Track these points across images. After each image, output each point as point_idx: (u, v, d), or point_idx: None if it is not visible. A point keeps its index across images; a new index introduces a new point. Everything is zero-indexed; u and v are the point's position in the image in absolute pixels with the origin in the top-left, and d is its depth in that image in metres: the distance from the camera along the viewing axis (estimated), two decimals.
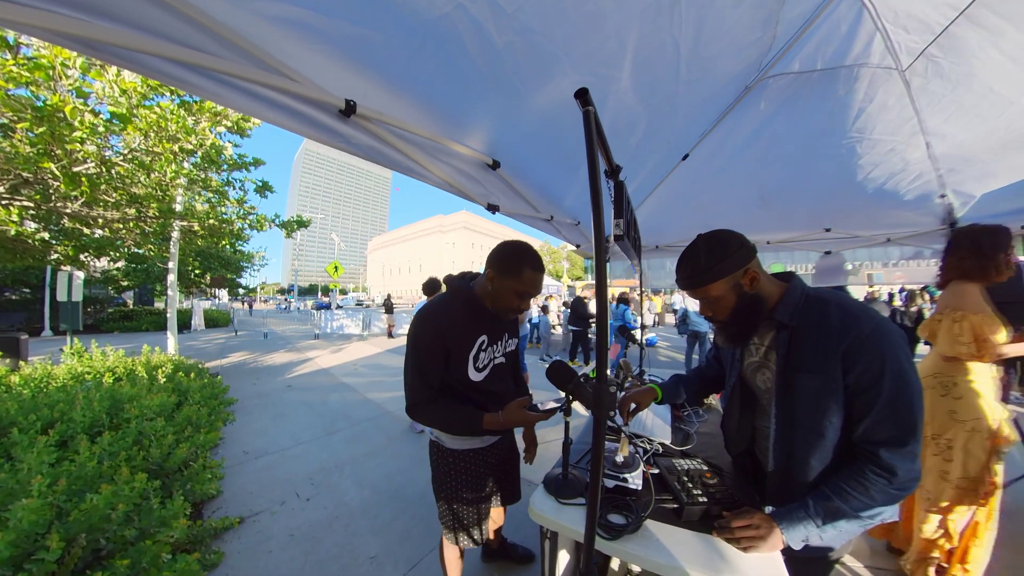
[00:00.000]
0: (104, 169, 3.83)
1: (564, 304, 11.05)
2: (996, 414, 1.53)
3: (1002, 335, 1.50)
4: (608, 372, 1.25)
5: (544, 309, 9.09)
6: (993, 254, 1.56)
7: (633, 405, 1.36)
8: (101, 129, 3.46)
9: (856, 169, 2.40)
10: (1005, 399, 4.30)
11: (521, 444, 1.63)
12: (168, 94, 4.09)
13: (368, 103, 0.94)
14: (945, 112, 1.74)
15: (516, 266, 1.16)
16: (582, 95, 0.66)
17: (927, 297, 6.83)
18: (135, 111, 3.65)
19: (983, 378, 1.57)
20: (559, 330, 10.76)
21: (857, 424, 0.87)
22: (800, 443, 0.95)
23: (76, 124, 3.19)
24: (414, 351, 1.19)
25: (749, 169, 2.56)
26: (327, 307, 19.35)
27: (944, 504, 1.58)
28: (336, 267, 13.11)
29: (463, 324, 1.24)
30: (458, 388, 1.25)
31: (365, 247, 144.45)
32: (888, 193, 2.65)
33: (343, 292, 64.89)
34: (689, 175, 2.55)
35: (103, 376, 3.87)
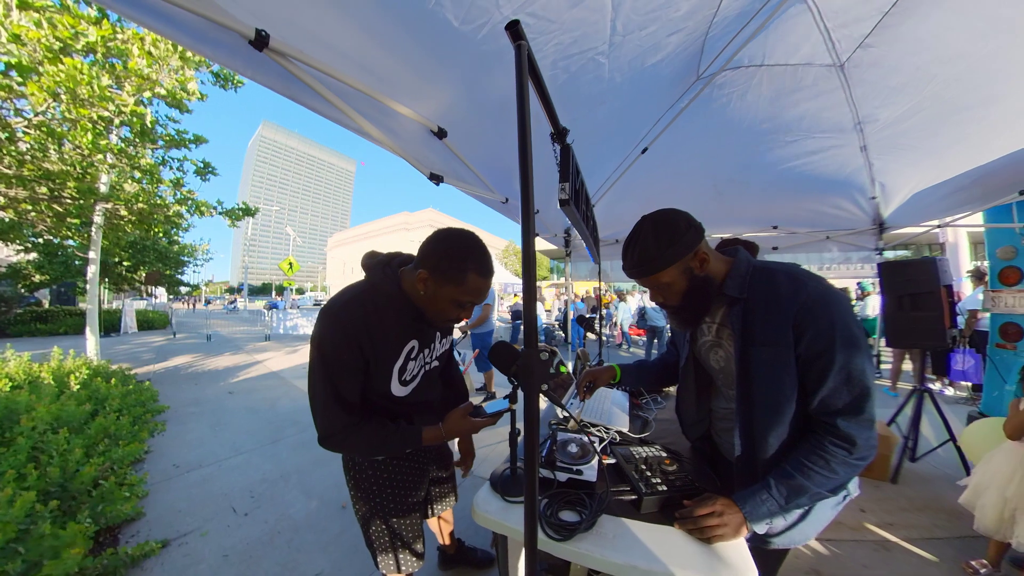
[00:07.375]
0: (2, 135, 3.24)
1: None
2: None
3: None
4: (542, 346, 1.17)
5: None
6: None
7: (589, 382, 1.37)
8: None
9: (799, 165, 2.53)
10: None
11: (458, 453, 1.45)
12: (83, 54, 3.50)
13: (285, 37, 0.78)
14: (879, 97, 1.86)
15: (458, 270, 0.91)
16: (512, 27, 0.55)
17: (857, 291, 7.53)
18: (40, 67, 3.08)
19: None
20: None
21: (812, 395, 0.84)
22: (759, 421, 0.91)
23: None
24: (322, 364, 0.92)
25: (704, 163, 2.62)
26: (277, 306, 18.12)
27: None
28: (291, 264, 12.35)
29: (386, 328, 0.97)
30: (375, 401, 1.03)
31: (325, 243, 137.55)
32: (827, 190, 2.83)
33: (299, 291, 60.98)
34: (649, 168, 2.56)
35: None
